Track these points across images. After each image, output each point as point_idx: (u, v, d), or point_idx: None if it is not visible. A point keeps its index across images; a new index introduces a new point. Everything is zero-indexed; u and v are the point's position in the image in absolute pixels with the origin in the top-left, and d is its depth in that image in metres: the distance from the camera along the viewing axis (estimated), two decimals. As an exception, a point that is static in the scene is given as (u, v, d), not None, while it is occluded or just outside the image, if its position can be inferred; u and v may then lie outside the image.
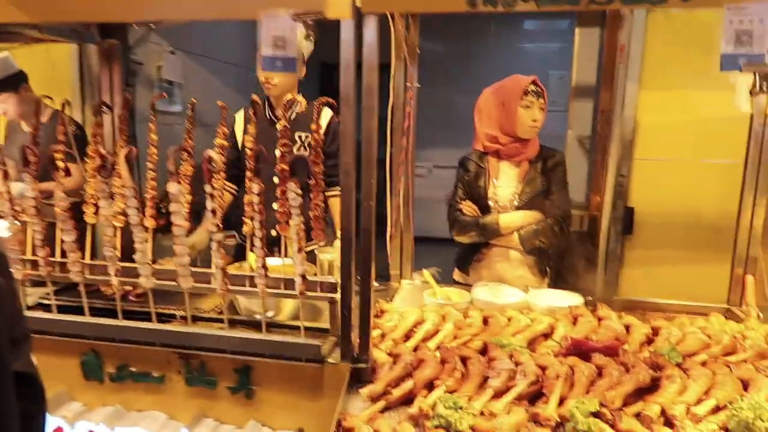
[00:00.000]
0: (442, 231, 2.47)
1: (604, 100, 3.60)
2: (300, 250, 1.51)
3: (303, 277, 1.52)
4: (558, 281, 2.34)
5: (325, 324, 1.66)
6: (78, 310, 1.66)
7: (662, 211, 2.99)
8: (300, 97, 2.51)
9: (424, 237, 2.46)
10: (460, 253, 2.42)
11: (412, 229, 2.42)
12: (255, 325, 1.66)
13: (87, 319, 1.62)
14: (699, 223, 2.85)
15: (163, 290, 1.62)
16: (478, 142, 2.44)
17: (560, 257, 2.39)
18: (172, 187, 1.50)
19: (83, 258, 1.66)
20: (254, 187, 1.51)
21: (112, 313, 1.66)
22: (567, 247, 2.44)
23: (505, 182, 2.36)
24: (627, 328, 1.71)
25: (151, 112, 1.77)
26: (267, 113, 2.65)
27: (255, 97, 1.81)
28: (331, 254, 2.13)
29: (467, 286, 2.15)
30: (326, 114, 2.55)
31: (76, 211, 1.70)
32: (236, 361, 1.57)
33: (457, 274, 2.42)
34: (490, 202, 2.34)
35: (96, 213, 1.74)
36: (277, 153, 1.58)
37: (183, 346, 1.58)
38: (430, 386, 1.49)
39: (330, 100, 1.66)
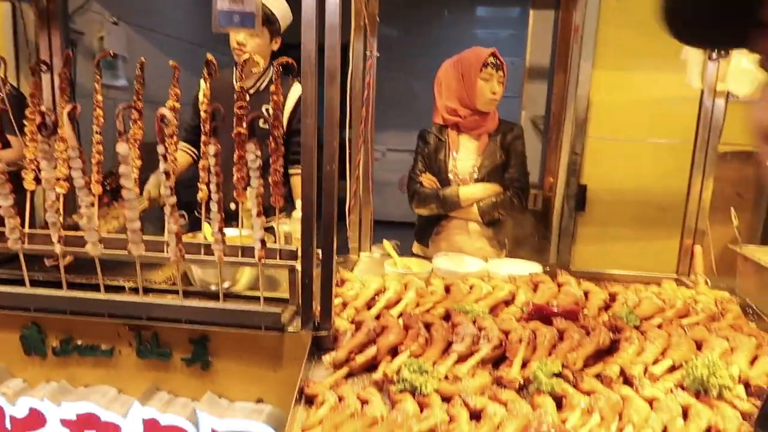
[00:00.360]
0: (396, 214, 2.45)
1: (559, 81, 3.65)
2: (259, 214, 1.45)
3: (263, 242, 1.46)
4: (515, 254, 2.36)
5: (283, 294, 1.61)
6: (18, 283, 1.55)
7: (614, 188, 3.07)
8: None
9: (377, 221, 2.43)
10: (419, 225, 2.41)
11: (371, 202, 2.38)
12: (210, 296, 1.59)
13: (28, 290, 1.51)
14: (649, 200, 2.94)
15: (110, 261, 1.53)
16: (438, 115, 2.42)
17: (518, 230, 2.41)
18: (121, 148, 1.41)
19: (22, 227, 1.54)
20: (210, 148, 1.43)
21: (53, 286, 1.55)
22: (525, 219, 2.47)
23: (464, 155, 2.35)
24: (585, 294, 1.74)
25: (96, 71, 1.66)
26: (234, 81, 2.57)
27: (210, 56, 1.72)
28: (288, 225, 2.08)
29: (427, 259, 2.14)
30: (296, 90, 2.48)
31: (13, 182, 1.58)
32: (192, 332, 1.50)
33: (416, 247, 2.41)
34: (450, 175, 2.33)
35: (36, 179, 1.63)
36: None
37: (134, 317, 1.50)
38: (393, 353, 1.46)
39: (290, 60, 1.59)
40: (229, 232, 1.79)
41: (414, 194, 2.31)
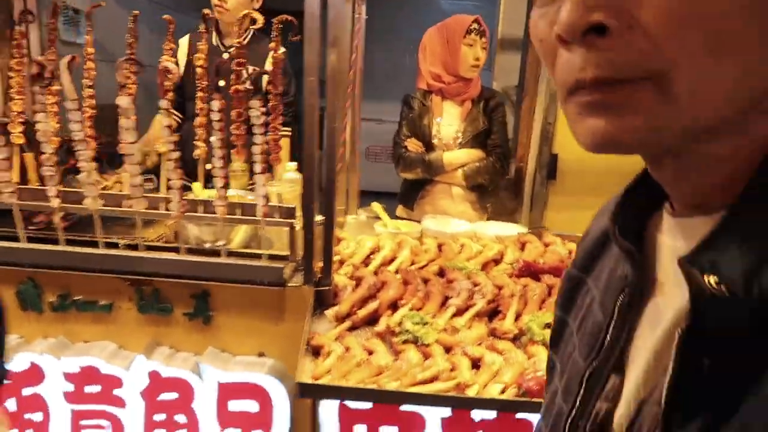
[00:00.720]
0: (372, 185, 2.44)
1: (533, 51, 3.72)
2: (263, 171, 1.46)
3: (266, 199, 1.48)
4: (494, 218, 2.44)
5: (280, 251, 1.64)
6: (11, 239, 1.53)
7: (584, 157, 3.17)
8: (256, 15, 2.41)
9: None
10: (404, 189, 2.46)
11: (357, 165, 2.41)
12: (207, 254, 1.60)
13: (24, 245, 1.49)
14: (618, 169, 3.05)
15: (105, 218, 1.52)
16: (422, 80, 2.45)
17: (498, 195, 2.49)
18: (123, 101, 1.39)
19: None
20: (215, 104, 1.43)
21: (49, 242, 1.53)
22: (504, 185, 2.55)
23: (448, 120, 2.40)
24: (570, 253, 1.83)
25: (87, 22, 1.62)
26: (214, 40, 2.52)
27: (206, 11, 1.70)
28: (276, 187, 2.09)
29: (413, 221, 2.20)
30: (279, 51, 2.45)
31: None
32: (193, 287, 1.52)
33: (400, 210, 2.46)
34: (434, 140, 2.38)
35: (24, 132, 1.59)
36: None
37: (135, 272, 1.50)
38: (392, 308, 1.52)
39: (291, 18, 1.59)
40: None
41: (399, 159, 2.35)
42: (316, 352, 1.39)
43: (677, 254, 0.38)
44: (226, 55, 2.43)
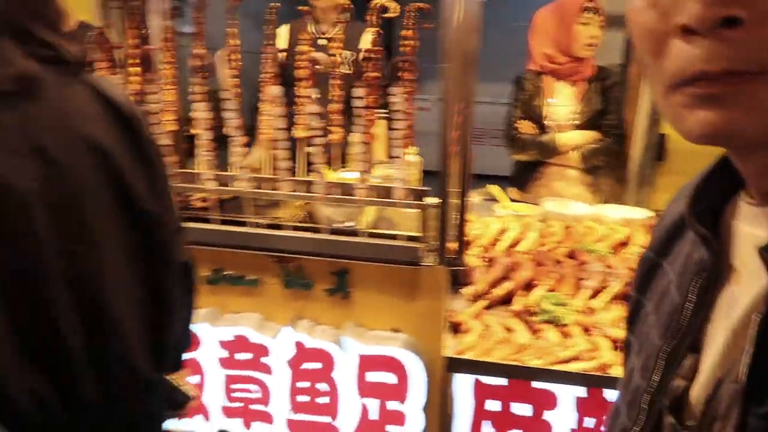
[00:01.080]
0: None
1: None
2: (404, 153, 1.52)
3: (404, 181, 1.54)
4: (609, 201, 2.41)
5: (409, 232, 1.69)
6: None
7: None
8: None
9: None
10: (517, 171, 2.46)
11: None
12: (346, 233, 1.68)
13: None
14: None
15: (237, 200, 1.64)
16: (534, 62, 2.44)
17: (613, 176, 2.44)
18: (274, 90, 1.49)
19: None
20: (359, 90, 1.49)
21: (202, 221, 1.67)
22: (619, 166, 2.50)
23: (562, 102, 2.37)
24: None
25: (228, 17, 1.72)
26: (310, 28, 2.61)
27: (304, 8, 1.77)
28: (395, 169, 2.15)
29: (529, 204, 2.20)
30: (370, 35, 2.50)
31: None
32: (334, 264, 1.61)
33: (513, 193, 2.47)
34: (546, 121, 2.36)
35: (176, 120, 1.73)
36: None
37: (279, 250, 1.61)
38: (525, 288, 1.55)
39: (427, 6, 1.62)
40: (347, 175, 1.87)
41: (512, 140, 2.35)
42: (454, 328, 1.45)
43: (757, 242, 0.40)
44: (323, 42, 2.51)
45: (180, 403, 1.17)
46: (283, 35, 2.64)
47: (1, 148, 0.79)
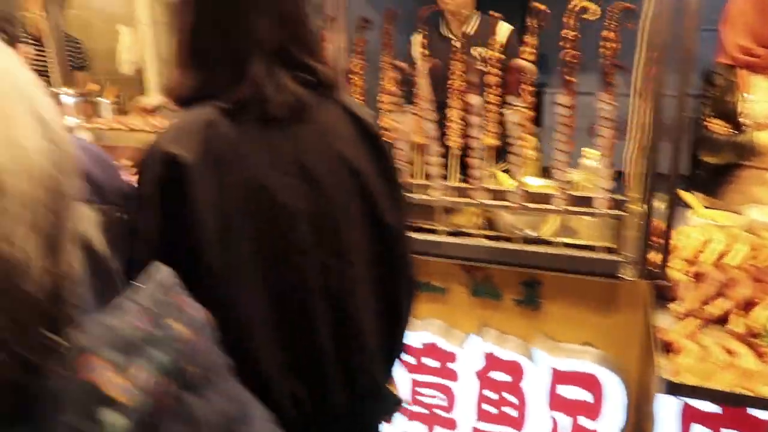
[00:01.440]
0: None
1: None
2: (607, 166, 1.45)
3: (605, 191, 1.47)
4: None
5: (603, 243, 1.62)
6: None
7: None
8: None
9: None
10: (704, 175, 2.26)
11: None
12: (530, 242, 1.64)
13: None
14: None
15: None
16: (726, 54, 2.22)
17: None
18: (475, 99, 1.49)
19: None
20: (565, 99, 1.45)
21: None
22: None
23: (760, 97, 2.14)
24: None
25: (422, 28, 1.75)
26: (442, 30, 2.62)
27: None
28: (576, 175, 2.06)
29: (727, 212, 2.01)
30: (505, 29, 2.45)
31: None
32: (523, 274, 1.58)
33: (701, 198, 2.27)
34: (741, 119, 2.14)
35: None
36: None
37: (467, 258, 1.61)
38: (743, 307, 1.42)
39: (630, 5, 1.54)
40: (533, 181, 1.82)
41: (703, 140, 2.16)
42: (665, 348, 1.35)
43: None
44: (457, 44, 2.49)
45: (392, 408, 1.21)
46: (417, 44, 2.66)
47: (275, 167, 0.86)
